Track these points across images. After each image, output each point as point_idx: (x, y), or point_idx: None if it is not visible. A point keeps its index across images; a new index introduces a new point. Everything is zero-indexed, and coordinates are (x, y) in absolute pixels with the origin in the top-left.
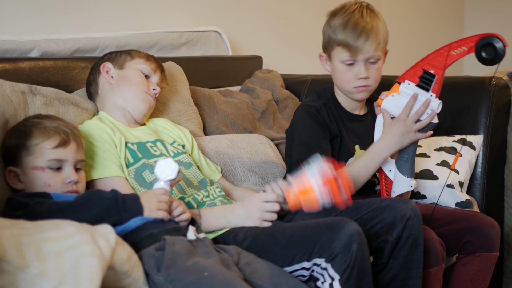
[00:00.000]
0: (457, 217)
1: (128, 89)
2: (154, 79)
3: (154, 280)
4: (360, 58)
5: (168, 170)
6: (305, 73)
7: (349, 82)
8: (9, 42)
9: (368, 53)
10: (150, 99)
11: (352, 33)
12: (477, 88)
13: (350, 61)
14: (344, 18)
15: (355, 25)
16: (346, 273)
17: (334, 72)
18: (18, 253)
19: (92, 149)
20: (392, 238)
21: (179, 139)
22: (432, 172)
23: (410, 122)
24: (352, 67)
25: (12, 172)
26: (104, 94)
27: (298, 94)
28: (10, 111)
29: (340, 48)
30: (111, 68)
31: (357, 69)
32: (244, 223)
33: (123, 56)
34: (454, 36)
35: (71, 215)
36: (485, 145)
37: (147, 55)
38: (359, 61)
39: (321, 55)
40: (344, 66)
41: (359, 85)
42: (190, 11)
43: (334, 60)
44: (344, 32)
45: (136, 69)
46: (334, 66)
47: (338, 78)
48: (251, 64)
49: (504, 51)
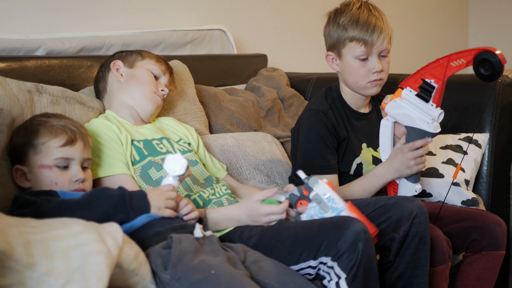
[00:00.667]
0: (463, 215)
1: (137, 87)
2: (163, 80)
3: (161, 278)
4: (374, 51)
5: (177, 166)
6: (310, 71)
7: (364, 77)
8: (15, 40)
9: (381, 46)
10: (158, 99)
11: (366, 28)
12: (483, 86)
13: (364, 56)
14: (353, 15)
15: (367, 20)
16: (353, 272)
17: (347, 69)
18: (26, 251)
19: (98, 147)
20: (398, 236)
21: (185, 137)
22: (438, 170)
23: (410, 158)
24: (366, 62)
25: (19, 171)
26: (113, 92)
27: (304, 92)
28: (16, 110)
29: (353, 43)
30: (121, 66)
31: (371, 63)
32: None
33: (134, 55)
34: (458, 35)
35: (78, 213)
36: (491, 143)
37: (157, 57)
38: (373, 55)
39: (329, 55)
40: (358, 61)
41: (374, 79)
42: (195, 9)
43: (347, 56)
44: (357, 27)
45: (146, 69)
46: (347, 63)
47: (352, 74)
48: (256, 63)
49: (501, 68)
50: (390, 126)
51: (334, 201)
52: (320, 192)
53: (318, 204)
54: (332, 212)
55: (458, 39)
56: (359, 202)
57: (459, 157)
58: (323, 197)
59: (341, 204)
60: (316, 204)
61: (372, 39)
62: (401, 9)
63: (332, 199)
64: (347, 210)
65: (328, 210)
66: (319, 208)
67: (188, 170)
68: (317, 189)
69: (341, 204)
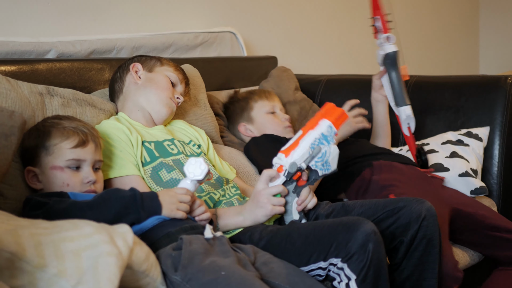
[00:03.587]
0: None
1: (154, 91)
2: (179, 88)
3: (172, 279)
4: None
5: (197, 170)
6: (320, 73)
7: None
8: (26, 43)
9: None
10: (173, 105)
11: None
12: (493, 87)
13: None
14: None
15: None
16: (363, 273)
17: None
18: (37, 253)
19: (109, 149)
20: (406, 239)
21: (195, 139)
22: (443, 164)
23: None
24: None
25: (31, 172)
26: (128, 93)
27: (313, 94)
28: (28, 112)
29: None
30: (140, 69)
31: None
32: (257, 215)
33: (153, 60)
34: (469, 35)
35: (89, 214)
36: (502, 144)
37: (176, 65)
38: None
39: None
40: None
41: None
42: (205, 12)
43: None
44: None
45: (164, 75)
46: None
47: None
48: (266, 65)
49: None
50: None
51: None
52: (299, 161)
53: (314, 157)
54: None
55: (469, 40)
56: (367, 204)
57: (461, 150)
58: (306, 157)
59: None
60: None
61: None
62: (413, 10)
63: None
64: (312, 133)
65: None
66: (316, 157)
67: (209, 174)
68: (288, 159)
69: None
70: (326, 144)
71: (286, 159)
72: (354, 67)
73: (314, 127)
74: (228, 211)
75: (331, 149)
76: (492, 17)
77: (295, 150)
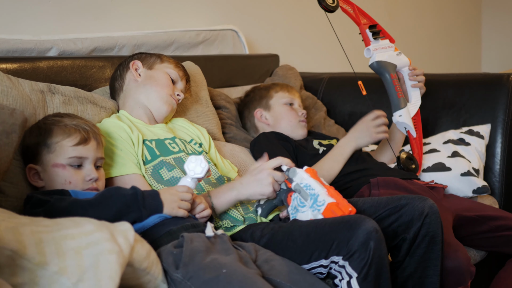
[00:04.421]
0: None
1: (154, 88)
2: (179, 85)
3: (173, 277)
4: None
5: (197, 168)
6: (322, 70)
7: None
8: (28, 41)
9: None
10: (173, 103)
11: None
12: (495, 85)
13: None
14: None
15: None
16: (364, 271)
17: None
18: (38, 250)
19: (109, 147)
20: (409, 237)
21: (197, 137)
22: (445, 164)
23: (370, 126)
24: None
25: (32, 170)
26: (129, 91)
27: (316, 91)
28: (29, 110)
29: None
30: (140, 66)
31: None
32: (255, 189)
33: (153, 58)
34: (472, 34)
35: (91, 212)
36: (504, 142)
37: (176, 62)
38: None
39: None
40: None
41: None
42: (207, 10)
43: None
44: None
45: (164, 72)
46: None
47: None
48: (268, 62)
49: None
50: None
51: (311, 187)
52: (298, 181)
53: (299, 194)
54: (310, 199)
55: (471, 39)
56: (370, 202)
57: (463, 150)
58: (301, 186)
59: (318, 189)
60: (298, 194)
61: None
62: (416, 10)
63: (308, 185)
64: (324, 194)
65: (307, 198)
66: (300, 197)
67: (208, 172)
68: (296, 179)
69: (317, 189)
70: (311, 203)
71: (299, 170)
72: (356, 65)
73: (330, 195)
74: (220, 189)
75: (305, 212)
76: (495, 16)
77: (310, 178)
